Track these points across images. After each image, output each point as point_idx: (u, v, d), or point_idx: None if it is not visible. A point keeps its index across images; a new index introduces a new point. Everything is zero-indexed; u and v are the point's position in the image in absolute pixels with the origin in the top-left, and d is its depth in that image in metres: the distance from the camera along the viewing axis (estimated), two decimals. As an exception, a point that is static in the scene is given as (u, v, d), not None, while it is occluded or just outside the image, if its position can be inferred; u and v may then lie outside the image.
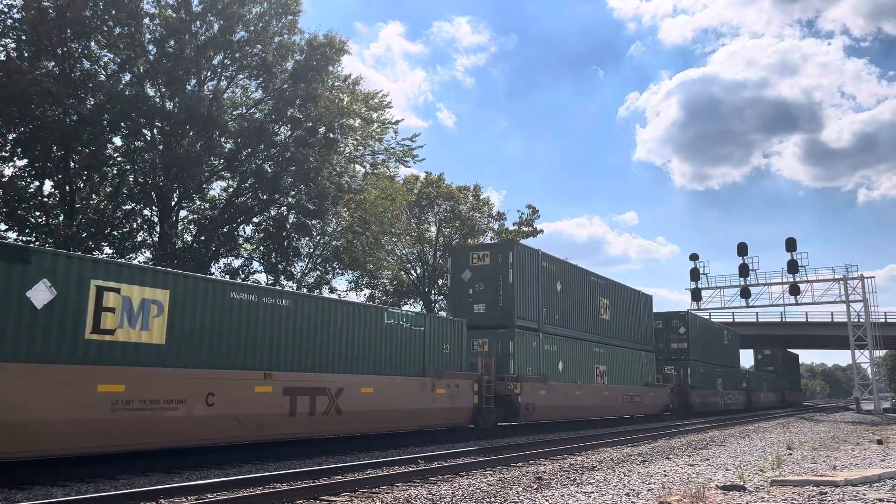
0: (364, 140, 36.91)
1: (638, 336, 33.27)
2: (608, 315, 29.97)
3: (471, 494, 9.70)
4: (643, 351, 33.56)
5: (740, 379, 52.21)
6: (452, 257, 25.42)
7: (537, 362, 23.94)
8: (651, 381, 33.87)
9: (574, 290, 27.44)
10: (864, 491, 9.96)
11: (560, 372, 25.34)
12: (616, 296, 31.17)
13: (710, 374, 43.39)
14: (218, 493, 9.50)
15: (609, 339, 29.80)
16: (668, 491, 10.04)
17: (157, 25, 29.19)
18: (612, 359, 29.60)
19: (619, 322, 31.23)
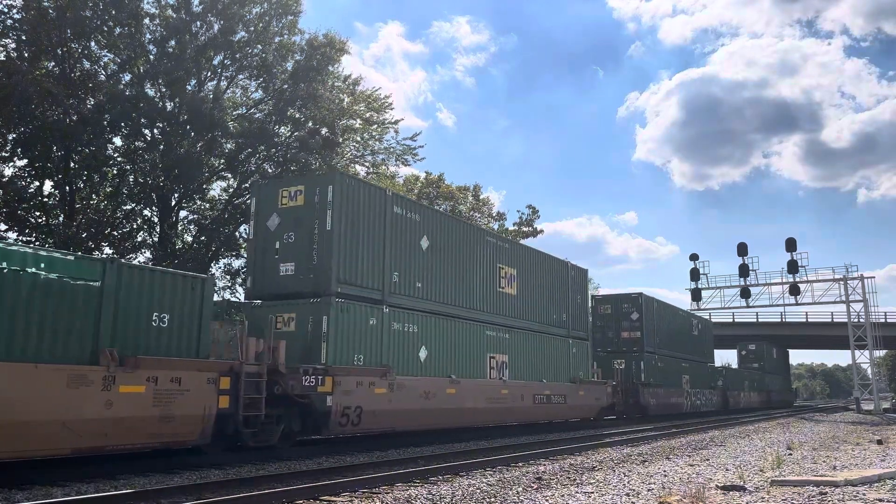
0: (364, 140, 36.95)
1: (564, 320, 26.30)
2: (514, 289, 22.97)
3: (471, 494, 9.70)
4: (572, 339, 26.49)
5: (714, 376, 46.20)
6: (256, 197, 17.42)
7: (376, 348, 16.52)
8: (584, 376, 27.00)
9: (454, 251, 20.11)
10: (864, 491, 9.96)
11: (423, 362, 17.98)
12: (529, 266, 24.25)
13: (672, 369, 37.19)
14: (218, 493, 9.50)
15: (515, 322, 22.78)
16: (668, 491, 10.05)
17: (158, 25, 29.19)
18: (518, 347, 22.61)
19: (534, 300, 24.24)
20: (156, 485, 10.33)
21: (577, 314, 27.43)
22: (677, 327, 39.79)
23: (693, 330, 43.21)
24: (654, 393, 34.08)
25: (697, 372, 41.79)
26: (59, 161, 26.63)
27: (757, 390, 57.61)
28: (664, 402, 35.24)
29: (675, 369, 37.86)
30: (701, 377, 42.46)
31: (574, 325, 27.10)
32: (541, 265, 25.29)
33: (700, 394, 41.48)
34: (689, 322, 42.97)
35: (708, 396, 43.11)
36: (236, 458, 13.47)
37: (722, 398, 46.47)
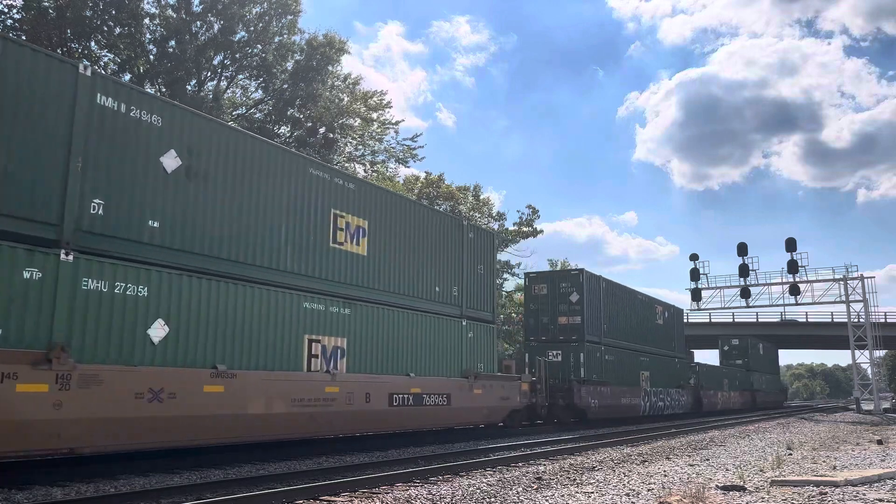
0: (363, 140, 36.99)
1: (456, 295, 19.91)
2: (362, 248, 16.53)
3: (471, 494, 9.70)
4: (468, 320, 20.25)
5: (684, 373, 40.11)
6: None
7: (40, 318, 10.17)
8: (484, 369, 20.81)
9: (243, 182, 13.72)
10: (864, 491, 9.96)
11: (157, 345, 11.64)
12: (393, 218, 17.71)
13: (626, 364, 31.38)
14: (218, 493, 9.50)
15: (362, 292, 16.34)
16: (668, 491, 10.05)
17: (158, 25, 29.23)
18: (367, 327, 16.31)
19: (399, 265, 17.72)
20: (156, 485, 10.33)
21: (477, 289, 21.02)
22: (635, 314, 33.57)
23: (657, 318, 36.74)
24: (597, 392, 27.75)
25: (662, 368, 35.93)
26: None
27: (739, 389, 52.23)
28: (611, 403, 29.08)
29: (631, 364, 32.04)
30: (666, 374, 36.61)
31: (471, 303, 20.60)
32: (415, 220, 18.64)
33: (664, 394, 35.59)
34: (652, 308, 36.26)
35: (675, 397, 37.11)
36: (237, 458, 13.48)
37: (693, 399, 40.76)
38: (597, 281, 29.82)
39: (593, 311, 28.86)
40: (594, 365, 28.18)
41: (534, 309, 29.12)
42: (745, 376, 54.56)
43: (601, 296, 29.85)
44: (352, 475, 11.30)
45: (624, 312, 32.15)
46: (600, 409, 27.98)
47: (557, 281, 29.03)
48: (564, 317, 28.25)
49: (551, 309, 28.59)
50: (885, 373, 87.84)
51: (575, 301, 28.20)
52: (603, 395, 28.44)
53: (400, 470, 11.89)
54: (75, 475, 10.86)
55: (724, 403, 47.47)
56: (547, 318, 28.63)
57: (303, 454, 14.83)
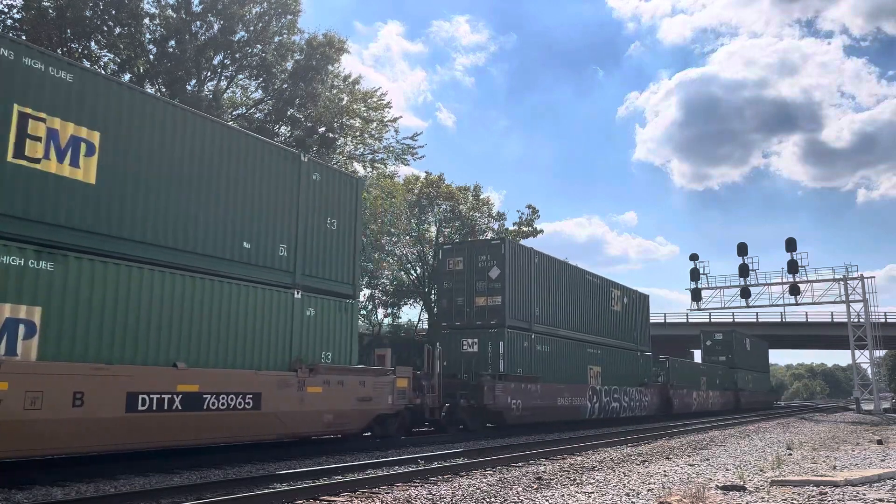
0: (363, 139, 37.03)
1: (281, 257, 14.97)
2: (86, 172, 11.42)
3: (471, 494, 9.70)
4: (306, 292, 15.28)
5: (647, 369, 34.94)
6: None
7: None
8: (335, 360, 15.84)
9: None
10: (864, 491, 9.96)
11: None
12: (155, 130, 12.57)
13: (567, 357, 26.28)
14: (218, 493, 9.51)
15: (68, 236, 11.05)
16: (668, 491, 10.05)
17: (158, 25, 29.23)
18: (74, 291, 10.88)
19: (164, 202, 12.65)
20: (156, 485, 10.33)
21: (325, 251, 15.92)
22: (582, 298, 28.31)
23: (612, 303, 31.18)
24: (520, 390, 22.50)
25: (618, 363, 30.77)
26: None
27: (720, 389, 47.54)
28: (541, 404, 23.82)
29: (575, 357, 26.85)
30: (625, 370, 31.54)
31: (312, 269, 15.50)
32: (205, 142, 13.42)
33: (621, 393, 30.42)
34: (606, 292, 30.63)
35: (636, 397, 32.04)
36: (237, 458, 13.48)
37: (661, 399, 35.65)
38: (526, 254, 24.64)
39: (520, 291, 23.74)
40: (520, 357, 23.07)
41: (448, 288, 23.87)
42: (727, 374, 49.91)
43: (532, 273, 24.56)
44: (352, 475, 11.30)
45: (566, 295, 26.99)
46: (525, 412, 22.62)
47: (476, 253, 23.53)
48: (482, 297, 22.92)
49: (468, 288, 23.36)
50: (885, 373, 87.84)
51: (495, 277, 22.93)
52: (529, 394, 22.89)
53: (400, 470, 11.89)
54: (75, 475, 10.86)
55: (701, 404, 42.59)
56: (462, 298, 23.32)
57: (303, 454, 14.83)
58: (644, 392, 33.10)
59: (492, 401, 21.11)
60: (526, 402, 22.72)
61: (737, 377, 51.11)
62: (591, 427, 27.05)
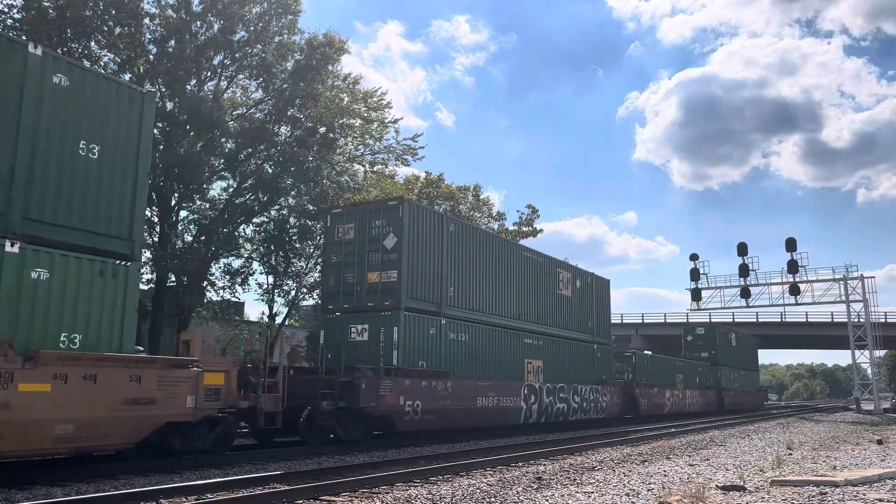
0: (363, 139, 37.02)
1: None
2: None
3: (471, 494, 9.70)
4: (23, 244, 10.48)
5: (610, 365, 30.75)
6: None
7: None
8: (73, 343, 10.98)
9: None
10: (864, 491, 9.96)
11: None
12: None
13: (496, 348, 21.92)
14: (218, 493, 9.51)
15: None
16: (668, 491, 10.04)
17: (158, 25, 29.20)
18: None
19: None
20: (156, 485, 10.33)
21: (70, 188, 11.41)
22: (517, 278, 23.81)
23: (560, 287, 26.66)
24: (420, 389, 17.80)
25: (568, 356, 26.40)
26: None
27: (701, 388, 43.45)
28: (454, 406, 19.07)
29: (506, 349, 22.56)
30: (577, 365, 27.08)
31: (47, 210, 11.10)
32: None
33: (570, 392, 25.81)
34: (551, 273, 26.17)
35: (590, 397, 27.50)
36: (237, 458, 13.48)
37: (625, 399, 31.45)
38: (434, 221, 20.08)
39: (425, 265, 19.19)
40: (424, 347, 18.69)
41: (336, 262, 19.47)
42: (709, 372, 45.86)
43: (445, 244, 20.06)
44: (352, 475, 11.30)
45: (496, 274, 22.59)
46: (427, 416, 18.00)
47: (369, 218, 19.10)
48: (375, 272, 18.49)
49: (359, 261, 18.97)
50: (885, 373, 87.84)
51: (391, 247, 18.46)
52: (434, 393, 18.30)
53: (400, 470, 11.90)
54: (75, 475, 10.87)
55: (676, 405, 38.56)
56: (353, 275, 18.94)
57: (303, 454, 14.83)
58: (602, 391, 28.54)
59: (373, 402, 16.32)
60: (429, 404, 18.05)
61: (720, 375, 47.20)
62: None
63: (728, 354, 50.06)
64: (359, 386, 16.21)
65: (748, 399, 54.30)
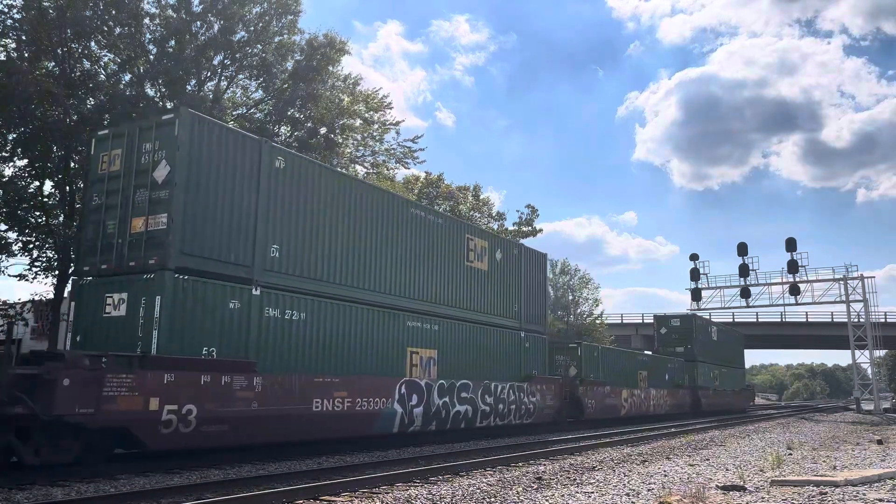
0: (364, 140, 37.05)
1: None
2: None
3: (471, 494, 9.70)
4: None
5: (541, 358, 24.64)
6: None
7: None
8: None
9: None
10: (864, 491, 9.96)
11: None
12: None
13: (358, 332, 16.67)
14: (218, 493, 9.51)
15: None
16: (669, 491, 10.05)
17: (158, 25, 29.21)
18: None
19: None
20: (156, 485, 10.33)
21: None
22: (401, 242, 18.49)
23: (471, 258, 21.27)
24: (190, 388, 12.23)
25: (477, 346, 20.93)
26: (59, 161, 26.63)
27: (671, 387, 38.35)
28: (263, 412, 13.51)
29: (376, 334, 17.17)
30: (493, 358, 21.57)
31: None
32: None
33: (478, 391, 20.34)
34: (457, 240, 20.80)
35: (512, 397, 22.05)
36: (237, 457, 13.48)
37: (562, 399, 25.53)
38: (245, 146, 14.42)
39: (221, 208, 13.77)
40: (217, 326, 13.31)
41: (97, 205, 14.00)
42: (683, 369, 40.70)
43: (264, 182, 14.65)
44: (352, 475, 11.30)
45: (358, 233, 17.04)
46: (206, 428, 12.46)
47: (140, 140, 13.69)
48: (141, 217, 13.18)
49: (123, 202, 13.57)
50: (885, 373, 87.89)
51: (162, 180, 13.10)
52: (221, 395, 12.74)
53: (400, 470, 11.90)
54: (75, 475, 10.87)
55: (638, 406, 33.24)
56: (114, 222, 13.61)
57: (303, 454, 14.83)
58: (530, 390, 23.11)
59: (85, 408, 10.72)
60: (212, 410, 12.50)
61: (697, 373, 41.79)
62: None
63: (707, 350, 44.91)
64: (54, 383, 10.46)
65: (731, 400, 49.33)
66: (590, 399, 28.62)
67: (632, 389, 33.17)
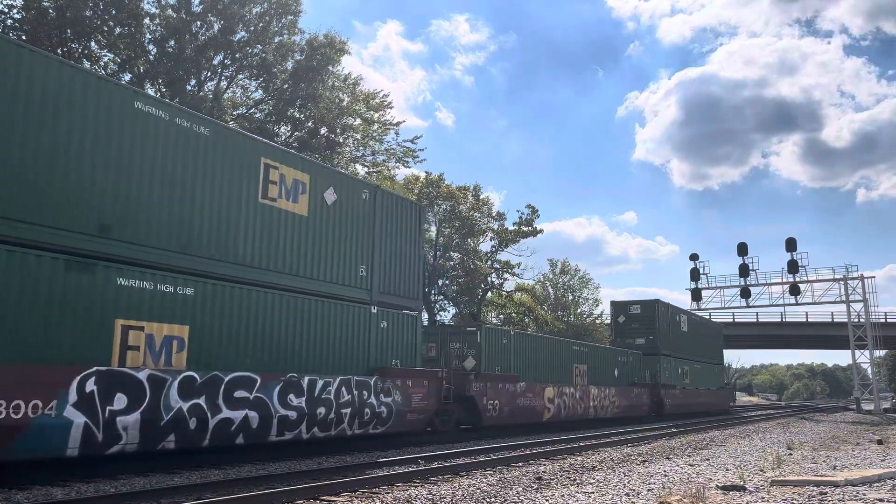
0: (364, 140, 37.07)
1: None
2: None
3: (471, 494, 9.70)
4: None
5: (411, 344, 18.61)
6: None
7: None
8: None
9: None
10: (864, 491, 9.96)
11: None
12: None
13: None
14: (218, 493, 9.51)
15: None
16: (669, 491, 10.05)
17: (158, 25, 29.23)
18: None
19: None
20: (156, 485, 10.33)
21: None
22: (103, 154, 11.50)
23: (269, 193, 14.59)
24: None
25: (285, 325, 14.66)
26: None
27: (624, 384, 32.24)
28: None
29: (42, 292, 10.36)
30: (325, 345, 15.67)
31: None
32: None
33: (270, 391, 13.77)
34: (239, 160, 13.97)
35: (346, 398, 15.65)
36: (237, 458, 13.48)
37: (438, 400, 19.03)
38: None
39: None
40: None
41: None
42: (640, 364, 34.69)
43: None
44: (352, 475, 11.30)
45: None
46: None
47: None
48: None
49: None
50: (885, 373, 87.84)
51: None
52: None
53: (400, 470, 11.90)
54: (75, 475, 10.86)
55: (571, 408, 26.92)
56: None
57: (303, 454, 14.82)
58: (382, 388, 16.81)
59: None
60: None
61: (660, 368, 35.42)
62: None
63: (675, 341, 38.60)
64: None
65: (706, 399, 42.98)
66: (491, 400, 22.00)
67: (562, 387, 26.58)
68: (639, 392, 33.41)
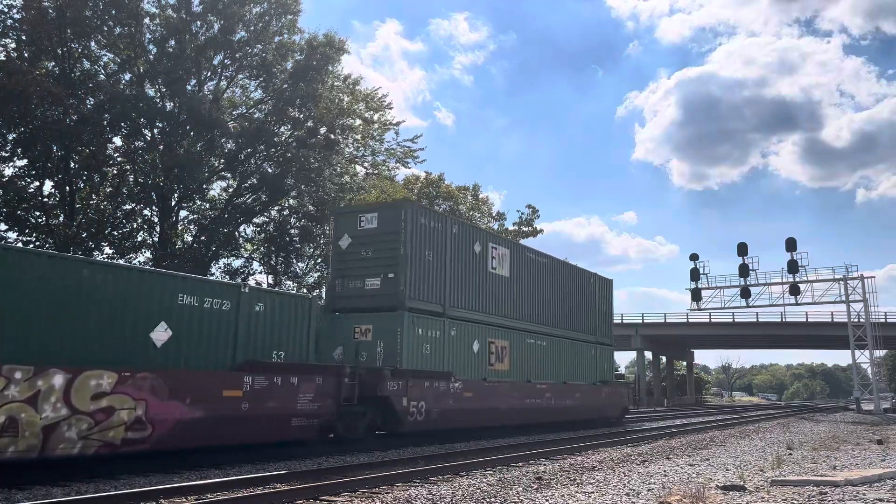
0: (364, 140, 37.06)
1: None
2: None
3: (471, 494, 9.70)
4: None
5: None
6: None
7: None
8: None
9: None
10: (864, 491, 9.96)
11: None
12: None
13: None
14: (218, 493, 9.51)
15: None
16: (668, 491, 10.04)
17: (158, 25, 29.23)
18: None
19: None
20: (156, 485, 10.33)
21: None
22: None
23: None
24: None
25: None
26: (59, 161, 26.64)
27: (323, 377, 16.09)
28: None
29: None
30: None
31: None
32: None
33: None
34: None
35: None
36: (237, 458, 13.47)
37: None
38: None
39: None
40: None
41: None
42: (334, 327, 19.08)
43: None
44: (352, 475, 11.30)
45: None
46: None
47: None
48: None
49: None
50: (885, 373, 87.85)
51: None
52: None
53: (400, 470, 11.89)
54: (75, 475, 10.87)
55: None
56: None
57: (304, 454, 14.82)
58: None
59: None
60: None
61: (402, 339, 18.08)
62: None
63: (462, 287, 20.97)
64: None
65: (563, 402, 25.09)
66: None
67: None
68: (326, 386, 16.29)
